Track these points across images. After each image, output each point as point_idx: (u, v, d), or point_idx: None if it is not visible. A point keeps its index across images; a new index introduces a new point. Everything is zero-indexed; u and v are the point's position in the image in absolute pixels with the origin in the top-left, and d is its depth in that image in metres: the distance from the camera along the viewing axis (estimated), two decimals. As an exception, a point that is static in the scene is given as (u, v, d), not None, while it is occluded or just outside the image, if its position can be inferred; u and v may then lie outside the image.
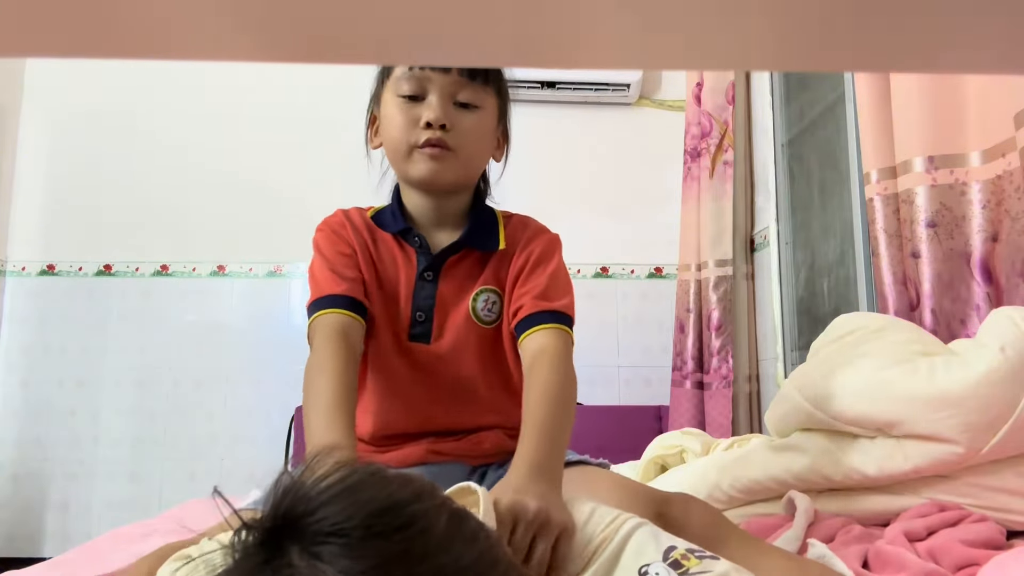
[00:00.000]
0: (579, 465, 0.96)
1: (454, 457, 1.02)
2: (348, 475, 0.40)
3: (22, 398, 2.75)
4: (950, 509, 0.99)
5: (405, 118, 0.97)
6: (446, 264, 1.03)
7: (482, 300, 1.02)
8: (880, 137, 1.58)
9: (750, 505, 1.19)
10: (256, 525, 0.39)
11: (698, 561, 0.60)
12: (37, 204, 2.87)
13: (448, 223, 1.05)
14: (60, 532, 2.67)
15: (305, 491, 0.39)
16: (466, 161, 1.00)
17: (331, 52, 0.29)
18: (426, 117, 0.96)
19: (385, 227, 1.05)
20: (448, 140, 0.97)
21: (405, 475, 0.43)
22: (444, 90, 0.97)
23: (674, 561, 0.59)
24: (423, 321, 1.02)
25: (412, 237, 1.03)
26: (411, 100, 0.97)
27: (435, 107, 0.96)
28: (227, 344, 2.79)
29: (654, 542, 0.62)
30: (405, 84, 0.97)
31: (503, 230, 1.06)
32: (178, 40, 0.28)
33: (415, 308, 1.02)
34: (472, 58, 0.30)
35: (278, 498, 0.39)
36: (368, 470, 0.42)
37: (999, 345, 1.02)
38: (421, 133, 0.97)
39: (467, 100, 0.98)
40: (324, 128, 2.87)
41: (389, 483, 0.41)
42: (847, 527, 1.01)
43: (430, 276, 1.02)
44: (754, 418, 2.58)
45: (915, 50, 0.29)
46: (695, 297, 2.66)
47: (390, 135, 1.00)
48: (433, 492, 0.43)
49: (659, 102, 3.02)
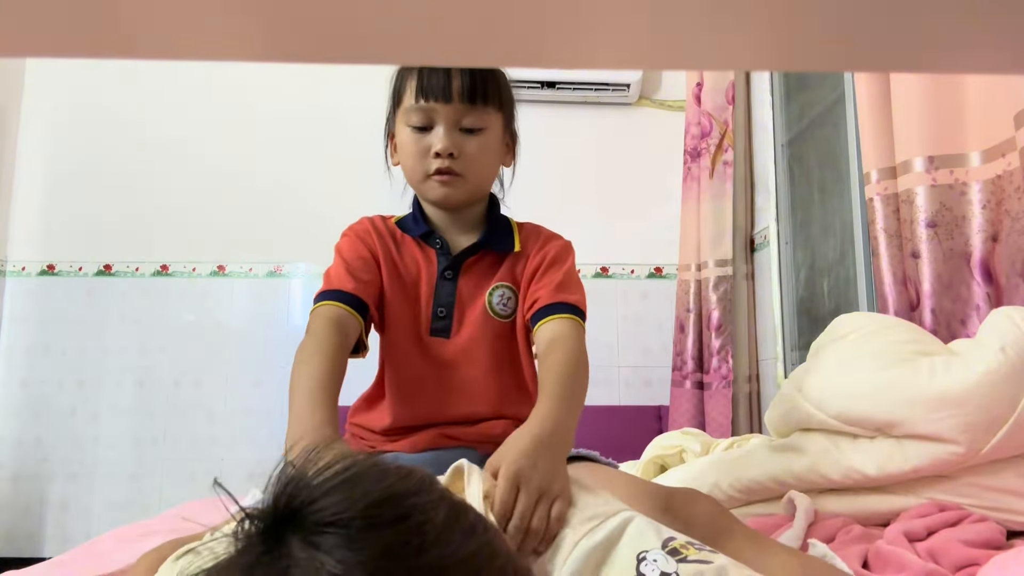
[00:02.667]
0: (586, 461, 0.99)
1: (465, 443, 1.06)
2: (348, 466, 0.41)
3: (22, 398, 2.75)
4: (950, 509, 0.99)
5: (417, 148, 1.06)
6: (465, 264, 1.10)
7: (498, 295, 1.09)
8: (880, 137, 1.58)
9: (750, 505, 1.19)
10: (257, 515, 0.39)
11: (697, 551, 0.60)
12: (37, 204, 2.87)
13: (466, 228, 1.13)
14: (60, 532, 2.67)
15: (306, 482, 0.39)
16: (475, 181, 1.09)
17: (332, 52, 0.29)
18: (435, 148, 1.04)
19: (408, 231, 1.13)
20: (456, 167, 1.05)
21: (405, 467, 0.44)
22: (449, 119, 1.05)
23: (673, 549, 0.60)
24: (444, 316, 1.09)
25: (434, 240, 1.11)
26: (420, 131, 1.06)
27: (442, 137, 1.04)
28: (227, 344, 2.79)
29: (654, 531, 0.63)
30: (414, 116, 1.06)
31: (517, 235, 1.14)
32: (178, 40, 0.28)
33: (436, 305, 1.09)
34: (473, 58, 0.30)
35: (279, 488, 0.40)
36: (368, 462, 0.42)
37: (999, 345, 1.02)
38: (432, 162, 1.05)
39: (471, 125, 1.06)
40: (324, 128, 2.88)
41: (388, 475, 0.41)
42: (847, 527, 1.01)
43: (450, 275, 1.10)
44: (754, 418, 2.58)
45: (915, 50, 0.29)
46: (695, 297, 2.66)
47: (406, 163, 1.09)
48: (432, 485, 0.44)
49: (659, 102, 3.02)
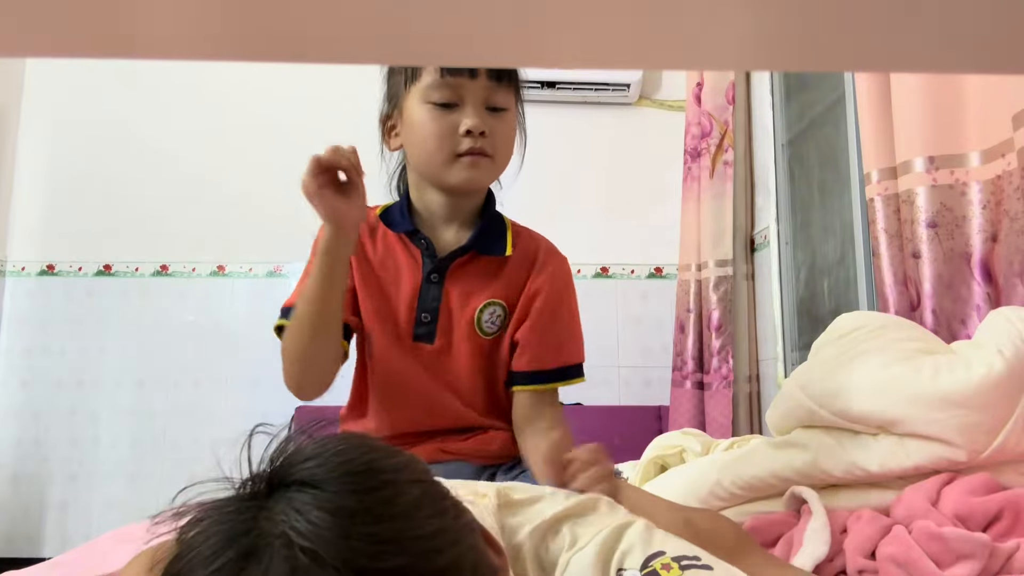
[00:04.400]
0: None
1: (462, 456, 1.03)
2: (341, 439, 0.45)
3: (22, 398, 2.75)
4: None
5: (441, 126, 0.98)
6: (452, 267, 1.04)
7: (488, 313, 1.04)
8: (880, 137, 1.58)
9: (751, 503, 1.19)
10: (254, 474, 0.43)
11: (680, 572, 0.57)
12: (37, 204, 2.87)
13: (457, 222, 1.06)
14: (60, 533, 2.67)
15: (299, 446, 0.44)
16: (501, 164, 1.03)
17: (332, 52, 0.29)
18: (467, 125, 0.97)
19: (393, 226, 1.06)
20: (487, 147, 0.99)
21: (393, 448, 0.46)
22: (478, 96, 0.98)
23: (651, 571, 0.57)
24: (428, 322, 1.03)
25: (419, 239, 1.05)
26: (444, 108, 0.98)
27: (474, 115, 0.97)
28: (227, 344, 2.79)
29: (642, 546, 0.60)
30: (436, 92, 0.98)
31: (510, 237, 1.07)
32: (178, 40, 0.28)
33: (420, 309, 1.03)
34: (473, 58, 0.30)
35: (276, 449, 0.44)
36: (358, 437, 0.46)
37: (996, 346, 1.02)
38: (462, 141, 0.98)
39: (499, 104, 1.00)
40: (324, 128, 2.87)
41: (374, 451, 0.45)
42: (855, 515, 1.01)
43: (436, 278, 1.04)
44: (754, 418, 2.58)
45: (915, 50, 0.29)
46: (695, 297, 2.66)
47: (424, 143, 1.00)
48: (414, 466, 0.46)
49: (659, 102, 3.02)
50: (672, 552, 0.59)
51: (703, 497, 1.15)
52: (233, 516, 0.40)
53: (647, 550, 0.59)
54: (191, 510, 0.42)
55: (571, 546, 0.62)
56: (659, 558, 0.58)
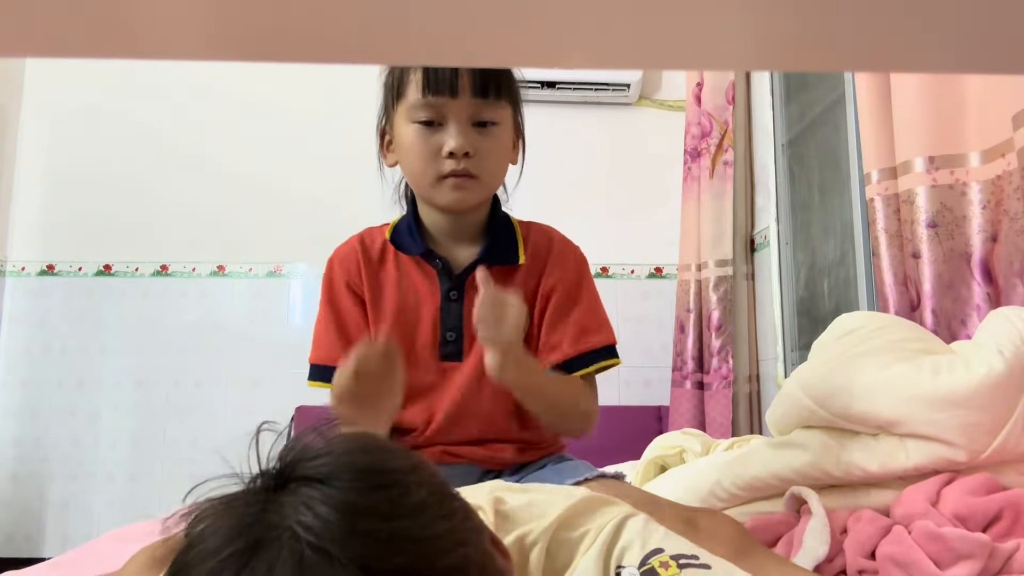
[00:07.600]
0: (600, 479, 0.95)
1: (468, 460, 1.02)
2: (352, 437, 0.46)
3: (22, 398, 2.75)
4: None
5: (425, 147, 0.96)
6: (469, 281, 1.02)
7: None
8: (880, 137, 1.58)
9: (752, 503, 1.19)
10: (264, 470, 0.44)
11: (678, 571, 0.57)
12: (37, 204, 2.87)
13: (466, 237, 1.05)
14: (60, 532, 2.67)
15: (311, 443, 0.44)
16: (489, 183, 1.01)
17: (332, 53, 0.29)
18: (448, 147, 0.95)
19: (405, 249, 1.04)
20: (471, 168, 0.96)
21: (403, 449, 0.47)
22: (461, 115, 0.95)
23: (649, 569, 0.57)
24: (454, 340, 1.02)
25: (434, 260, 1.03)
26: (428, 126, 0.96)
27: (455, 135, 0.94)
28: (227, 344, 2.79)
29: (640, 542, 0.59)
30: (421, 112, 0.96)
31: (522, 242, 1.06)
32: (178, 40, 0.28)
33: (445, 328, 1.02)
34: (473, 58, 0.30)
35: (288, 444, 0.45)
36: (368, 437, 0.47)
37: (996, 346, 1.02)
38: (444, 163, 0.96)
39: (486, 119, 0.97)
40: (324, 128, 2.87)
41: (385, 451, 0.45)
42: (855, 515, 1.01)
43: (455, 296, 1.02)
44: (754, 419, 2.58)
45: (915, 50, 0.29)
46: (695, 297, 2.66)
47: (411, 164, 0.99)
48: (423, 468, 0.46)
49: (659, 102, 3.02)
50: (670, 550, 0.59)
51: (703, 497, 1.15)
52: (242, 509, 0.41)
53: (645, 547, 0.59)
54: (200, 506, 0.43)
55: (581, 544, 0.62)
56: (657, 556, 0.58)
